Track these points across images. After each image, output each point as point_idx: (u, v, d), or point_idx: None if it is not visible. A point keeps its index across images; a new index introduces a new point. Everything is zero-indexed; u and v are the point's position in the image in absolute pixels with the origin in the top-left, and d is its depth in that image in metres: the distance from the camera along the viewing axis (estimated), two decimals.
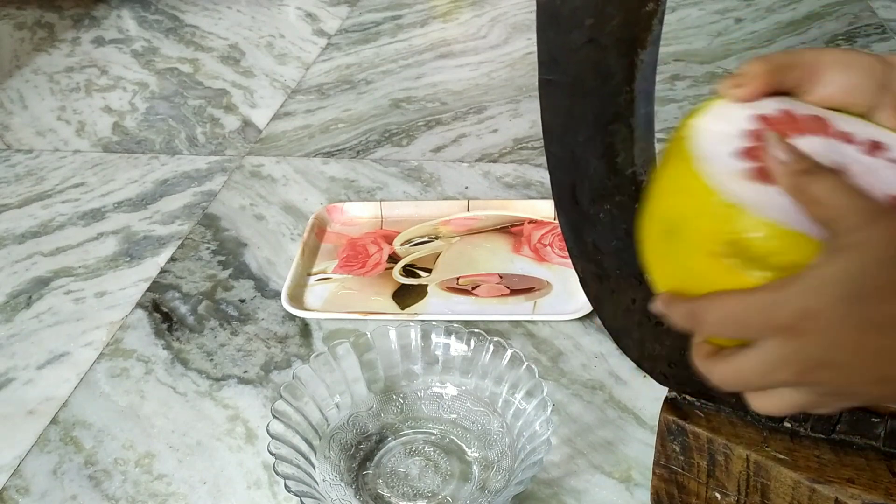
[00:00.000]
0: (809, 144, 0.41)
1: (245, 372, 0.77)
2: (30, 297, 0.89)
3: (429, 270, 0.88)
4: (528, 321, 0.80)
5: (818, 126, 0.43)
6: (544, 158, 0.52)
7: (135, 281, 0.90)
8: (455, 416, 0.69)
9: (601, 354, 0.76)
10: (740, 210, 0.38)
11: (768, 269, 0.38)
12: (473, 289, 0.85)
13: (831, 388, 0.38)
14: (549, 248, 0.90)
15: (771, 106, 0.43)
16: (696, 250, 0.40)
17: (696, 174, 0.39)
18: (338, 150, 1.11)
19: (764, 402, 0.41)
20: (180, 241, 0.95)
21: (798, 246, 0.37)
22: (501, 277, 0.86)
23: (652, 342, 0.55)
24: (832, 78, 0.46)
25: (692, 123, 0.42)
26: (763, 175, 0.39)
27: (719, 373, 0.40)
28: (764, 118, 0.42)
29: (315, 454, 0.64)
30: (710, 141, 0.41)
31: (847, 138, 0.42)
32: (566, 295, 0.83)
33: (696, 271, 0.40)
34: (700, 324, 0.40)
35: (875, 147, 0.42)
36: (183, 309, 0.85)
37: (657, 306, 0.42)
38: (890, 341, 0.35)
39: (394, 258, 0.90)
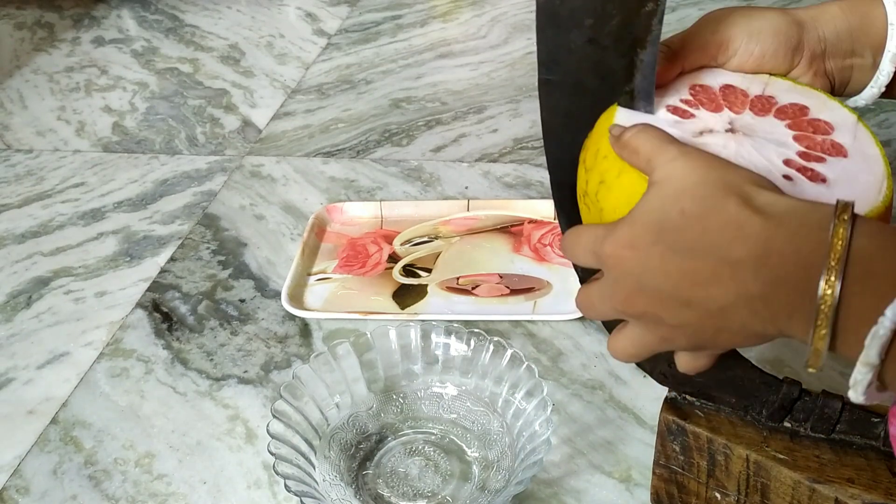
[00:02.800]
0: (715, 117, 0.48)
1: (245, 372, 0.77)
2: (30, 297, 0.89)
3: (429, 270, 0.88)
4: (528, 321, 0.80)
5: (711, 102, 0.49)
6: (544, 158, 0.53)
7: (135, 281, 0.90)
8: (455, 415, 0.69)
9: (601, 354, 0.76)
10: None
11: None
12: (473, 289, 0.85)
13: (653, 317, 0.41)
14: (549, 248, 0.90)
15: (685, 84, 0.50)
16: (578, 193, 0.48)
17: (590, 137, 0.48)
18: (338, 150, 1.11)
19: (616, 344, 0.45)
20: (180, 241, 0.95)
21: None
22: (501, 277, 0.86)
23: None
24: (743, 48, 0.51)
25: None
26: None
27: (578, 298, 0.46)
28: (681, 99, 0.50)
29: (315, 454, 0.64)
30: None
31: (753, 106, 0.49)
32: (566, 295, 0.83)
33: (581, 212, 0.49)
34: (566, 252, 0.46)
35: (764, 106, 0.49)
36: (183, 309, 0.85)
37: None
38: (690, 264, 0.38)
39: (394, 258, 0.90)
